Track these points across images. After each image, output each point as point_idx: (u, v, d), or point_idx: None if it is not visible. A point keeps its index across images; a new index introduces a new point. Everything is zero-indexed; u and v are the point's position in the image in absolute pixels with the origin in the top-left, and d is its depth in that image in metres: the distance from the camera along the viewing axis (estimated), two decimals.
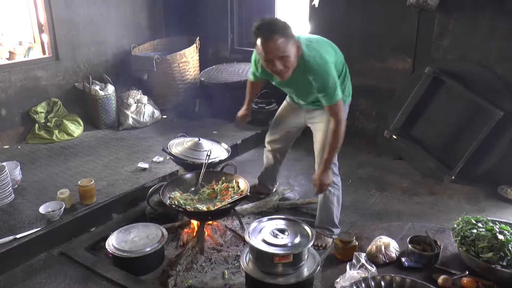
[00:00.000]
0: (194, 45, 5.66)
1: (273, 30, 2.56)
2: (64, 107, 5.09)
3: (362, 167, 4.66)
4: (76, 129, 5.00)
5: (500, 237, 2.19)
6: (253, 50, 2.92)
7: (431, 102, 4.40)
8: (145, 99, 5.45)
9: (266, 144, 3.72)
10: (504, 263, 2.11)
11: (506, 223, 2.37)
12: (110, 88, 5.23)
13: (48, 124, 4.89)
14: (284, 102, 3.53)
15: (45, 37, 5.06)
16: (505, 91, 3.97)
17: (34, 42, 5.15)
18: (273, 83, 3.10)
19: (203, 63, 5.81)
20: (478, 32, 4.08)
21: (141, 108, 5.34)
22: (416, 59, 4.51)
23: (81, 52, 5.33)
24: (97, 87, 5.17)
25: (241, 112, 3.66)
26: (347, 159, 4.78)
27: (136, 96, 5.40)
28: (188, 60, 5.60)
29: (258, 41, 2.61)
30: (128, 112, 5.26)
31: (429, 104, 4.41)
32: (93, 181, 3.50)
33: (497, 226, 2.31)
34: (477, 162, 4.21)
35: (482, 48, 4.09)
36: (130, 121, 5.24)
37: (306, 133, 5.33)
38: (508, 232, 2.25)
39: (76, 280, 2.87)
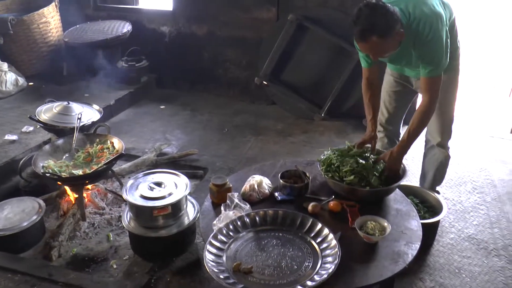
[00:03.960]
0: (53, 3, 5.28)
1: (369, 30, 2.16)
2: None
3: (237, 115, 4.82)
4: None
5: (361, 161, 2.46)
6: (120, 7, 2.72)
7: (298, 47, 4.64)
8: (5, 66, 5.03)
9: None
10: (363, 184, 2.38)
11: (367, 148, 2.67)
12: None
13: None
14: (386, 81, 3.04)
15: None
16: None
17: None
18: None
19: (66, 23, 5.46)
20: None
21: (2, 76, 4.93)
22: (279, 8, 4.67)
23: None
24: None
25: (367, 136, 2.70)
26: (222, 108, 4.94)
27: None
28: (49, 20, 5.24)
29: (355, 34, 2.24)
30: None
31: (295, 49, 4.65)
32: None
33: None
34: (343, 99, 4.59)
35: None
36: None
37: (180, 88, 5.39)
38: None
39: None
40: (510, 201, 3.36)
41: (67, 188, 3.15)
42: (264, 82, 4.72)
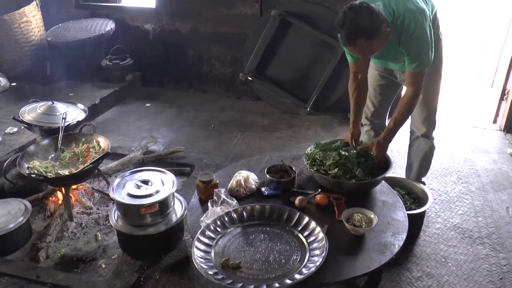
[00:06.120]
0: (34, 2, 5.22)
1: (356, 34, 2.14)
2: None
3: (223, 112, 4.83)
4: None
5: (344, 153, 2.47)
6: (102, 5, 2.69)
7: (282, 42, 4.65)
8: None
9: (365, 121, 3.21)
10: (348, 176, 2.41)
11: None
12: None
13: None
14: (370, 75, 2.99)
15: None
16: None
17: None
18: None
19: (48, 22, 5.40)
20: None
21: None
22: (263, 3, 4.68)
23: None
24: None
25: (349, 134, 2.78)
26: (207, 105, 4.95)
27: None
28: (30, 19, 5.17)
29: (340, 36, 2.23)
30: None
31: (280, 45, 4.67)
32: None
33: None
34: (328, 93, 4.61)
35: None
36: None
37: (165, 86, 5.37)
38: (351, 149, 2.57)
39: None
40: (493, 190, 3.41)
41: (54, 188, 3.13)
42: (249, 78, 4.73)
